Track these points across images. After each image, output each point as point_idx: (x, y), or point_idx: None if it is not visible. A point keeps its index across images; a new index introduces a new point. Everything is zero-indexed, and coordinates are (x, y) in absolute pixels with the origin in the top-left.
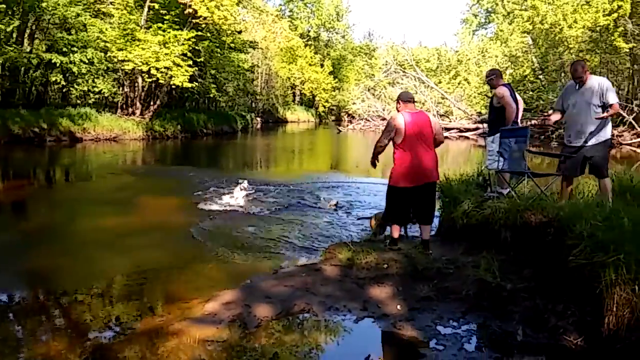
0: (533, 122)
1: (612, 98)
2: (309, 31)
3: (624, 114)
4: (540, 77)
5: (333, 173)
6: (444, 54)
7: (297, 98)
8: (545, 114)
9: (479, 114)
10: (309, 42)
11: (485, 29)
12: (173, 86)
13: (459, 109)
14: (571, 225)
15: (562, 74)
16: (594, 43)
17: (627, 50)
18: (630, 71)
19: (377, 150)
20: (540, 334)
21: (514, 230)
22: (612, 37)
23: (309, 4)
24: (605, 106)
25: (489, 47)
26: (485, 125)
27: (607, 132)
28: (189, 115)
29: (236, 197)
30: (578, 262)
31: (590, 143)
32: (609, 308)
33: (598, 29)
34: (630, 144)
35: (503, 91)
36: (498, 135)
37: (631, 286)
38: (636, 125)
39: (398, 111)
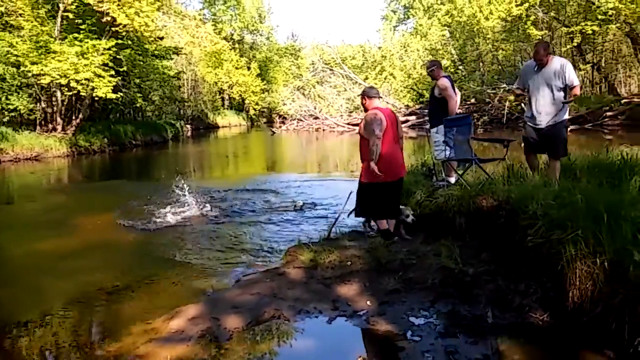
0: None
1: (575, 80)
2: (232, 34)
3: None
4: (460, 67)
5: (276, 174)
6: (368, 51)
7: (227, 102)
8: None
9: (407, 107)
10: (235, 46)
11: (405, 24)
12: (96, 98)
13: (387, 103)
14: (523, 206)
15: (481, 64)
16: (508, 32)
17: (539, 37)
18: None
19: (377, 149)
20: (508, 314)
21: (467, 216)
22: (525, 26)
23: (230, 7)
24: (566, 87)
25: (410, 42)
26: (413, 117)
27: (565, 113)
28: (115, 127)
29: (179, 207)
30: (535, 241)
31: (549, 123)
32: (572, 282)
33: (510, 18)
34: None
35: (445, 83)
36: (442, 125)
37: (591, 259)
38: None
39: (364, 106)
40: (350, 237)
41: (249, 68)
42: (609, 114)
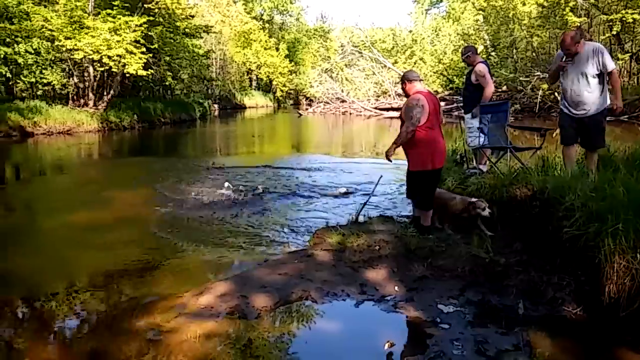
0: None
1: (609, 63)
2: (262, 14)
3: None
4: (493, 54)
5: (304, 155)
6: (398, 34)
7: (254, 83)
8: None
9: (436, 92)
10: (264, 26)
11: (437, 7)
12: (127, 75)
13: None
14: (559, 197)
15: (514, 50)
16: (545, 18)
17: (577, 24)
18: None
19: (404, 138)
20: (540, 306)
21: (500, 205)
22: (564, 12)
23: None
24: (601, 73)
25: (442, 26)
26: (443, 103)
27: (604, 101)
28: (145, 105)
29: (211, 185)
30: (571, 233)
31: (587, 113)
32: (609, 277)
33: (548, 4)
34: None
35: (483, 69)
36: (477, 111)
37: (631, 254)
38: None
39: (405, 91)
40: (378, 221)
41: (277, 49)
42: None
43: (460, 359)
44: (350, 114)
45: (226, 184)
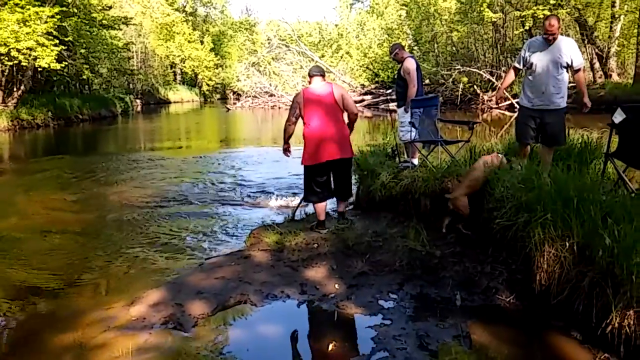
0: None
1: (581, 60)
2: (184, 6)
3: (493, 80)
4: (415, 48)
5: (232, 150)
6: (325, 28)
7: (179, 77)
8: (496, 93)
9: (363, 86)
10: (187, 18)
11: (362, 2)
12: (39, 69)
13: (344, 82)
14: (489, 188)
15: (435, 45)
16: (463, 14)
17: (494, 20)
18: (494, 39)
19: (287, 132)
20: (475, 296)
21: (433, 197)
22: (481, 8)
23: None
24: (568, 67)
25: (367, 21)
26: (369, 97)
27: (565, 98)
28: (60, 101)
29: (134, 186)
30: (502, 224)
31: (551, 106)
32: (539, 265)
33: (466, 0)
34: (499, 107)
35: (410, 65)
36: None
37: (560, 242)
38: (505, 91)
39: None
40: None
41: (202, 42)
42: None
43: (403, 355)
44: (279, 108)
45: (154, 184)
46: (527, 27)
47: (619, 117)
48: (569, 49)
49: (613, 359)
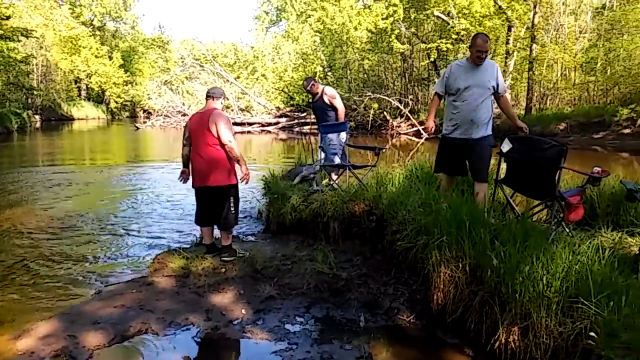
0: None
1: (504, 85)
2: (92, 20)
3: (401, 107)
4: (329, 74)
5: (138, 169)
6: (240, 50)
7: (84, 93)
8: (426, 124)
9: (278, 108)
10: (95, 32)
11: (278, 26)
12: None
13: (259, 103)
14: (393, 212)
15: (348, 71)
16: (374, 44)
17: (402, 51)
18: (402, 69)
19: (182, 156)
20: (379, 317)
21: (341, 221)
22: (390, 39)
23: None
24: (493, 93)
25: (282, 44)
26: (284, 119)
27: (490, 126)
28: None
29: (25, 207)
30: (403, 246)
31: (476, 135)
32: (437, 286)
33: (377, 31)
34: (407, 133)
35: (332, 91)
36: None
37: (454, 263)
38: (411, 117)
39: None
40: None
41: (110, 57)
42: None
43: None
44: None
45: (51, 206)
46: (432, 59)
47: (506, 146)
48: (494, 72)
49: None
